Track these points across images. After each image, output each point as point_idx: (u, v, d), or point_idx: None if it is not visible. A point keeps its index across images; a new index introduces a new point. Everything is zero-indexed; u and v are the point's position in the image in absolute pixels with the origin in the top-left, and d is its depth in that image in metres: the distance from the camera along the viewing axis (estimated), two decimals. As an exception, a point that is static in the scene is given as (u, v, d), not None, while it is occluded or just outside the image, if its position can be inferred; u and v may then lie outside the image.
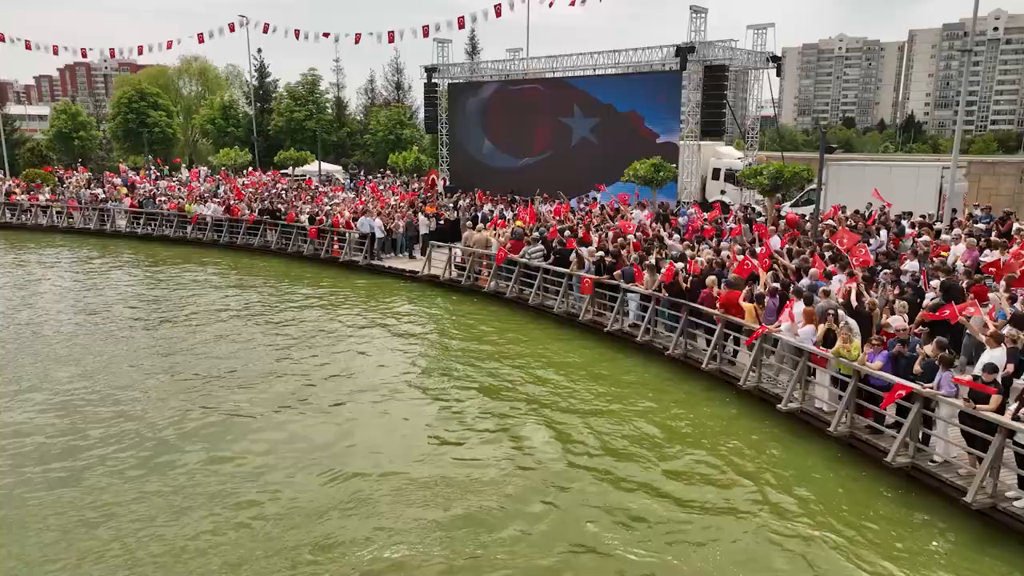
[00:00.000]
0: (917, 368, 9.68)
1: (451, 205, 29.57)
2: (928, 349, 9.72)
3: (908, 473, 9.56)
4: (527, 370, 14.47)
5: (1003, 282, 12.58)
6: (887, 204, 20.81)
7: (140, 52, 51.49)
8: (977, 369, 9.25)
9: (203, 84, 69.01)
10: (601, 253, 17.30)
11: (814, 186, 28.79)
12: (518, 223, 22.27)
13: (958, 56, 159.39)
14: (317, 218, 27.22)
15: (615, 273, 16.32)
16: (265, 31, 47.91)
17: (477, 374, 14.30)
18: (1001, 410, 8.51)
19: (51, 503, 9.10)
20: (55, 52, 53.88)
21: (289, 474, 9.94)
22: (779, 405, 11.56)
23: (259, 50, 63.66)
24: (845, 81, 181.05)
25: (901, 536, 8.55)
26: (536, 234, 19.92)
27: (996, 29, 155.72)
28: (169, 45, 50.88)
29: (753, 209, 23.82)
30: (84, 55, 54.97)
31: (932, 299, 11.75)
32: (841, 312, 11.44)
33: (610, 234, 19.13)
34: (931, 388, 9.28)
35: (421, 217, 26.29)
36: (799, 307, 11.83)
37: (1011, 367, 9.46)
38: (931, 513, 8.97)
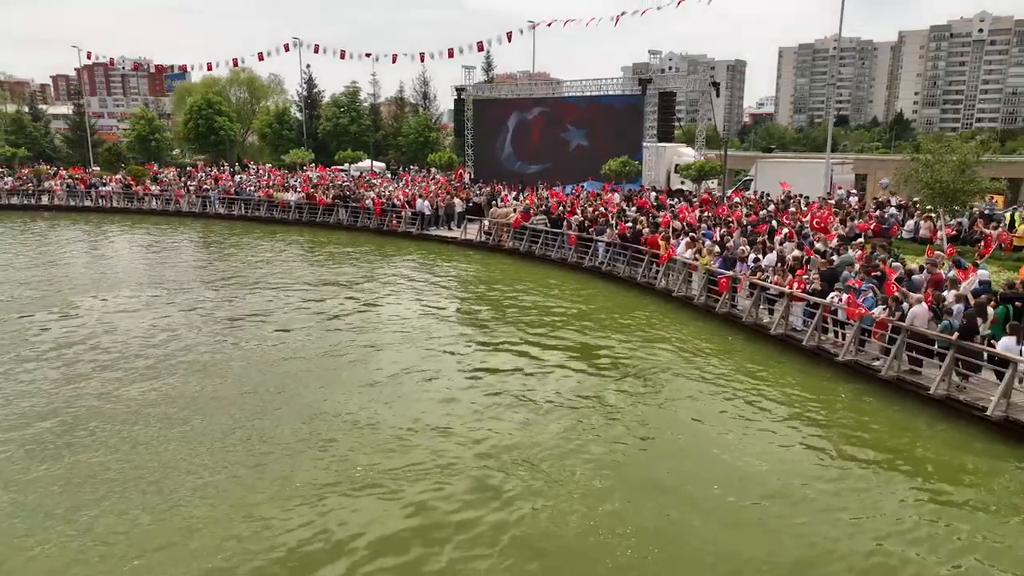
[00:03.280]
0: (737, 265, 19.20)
1: (478, 191, 39.22)
2: (740, 249, 19.30)
3: (742, 324, 19.03)
4: (530, 292, 23.98)
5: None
6: (786, 187, 30.37)
7: (209, 68, 61.59)
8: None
9: (250, 92, 78.83)
10: (582, 219, 26.92)
11: (749, 176, 38.55)
12: (526, 202, 31.91)
13: (944, 56, 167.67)
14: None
15: (590, 229, 25.91)
16: (316, 51, 57.93)
17: (497, 295, 23.72)
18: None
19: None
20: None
21: (399, 313, 19.60)
22: (673, 294, 21.10)
23: (308, 65, 73.64)
24: (840, 80, 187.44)
25: (711, 340, 18.04)
26: (542, 208, 29.56)
27: (981, 31, 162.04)
28: (235, 63, 61.20)
29: (691, 192, 33.50)
30: (160, 70, 64.95)
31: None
32: (710, 243, 21.03)
33: (590, 209, 28.79)
34: (733, 273, 18.80)
35: (456, 200, 35.90)
36: (684, 240, 21.42)
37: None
38: (744, 337, 18.36)
